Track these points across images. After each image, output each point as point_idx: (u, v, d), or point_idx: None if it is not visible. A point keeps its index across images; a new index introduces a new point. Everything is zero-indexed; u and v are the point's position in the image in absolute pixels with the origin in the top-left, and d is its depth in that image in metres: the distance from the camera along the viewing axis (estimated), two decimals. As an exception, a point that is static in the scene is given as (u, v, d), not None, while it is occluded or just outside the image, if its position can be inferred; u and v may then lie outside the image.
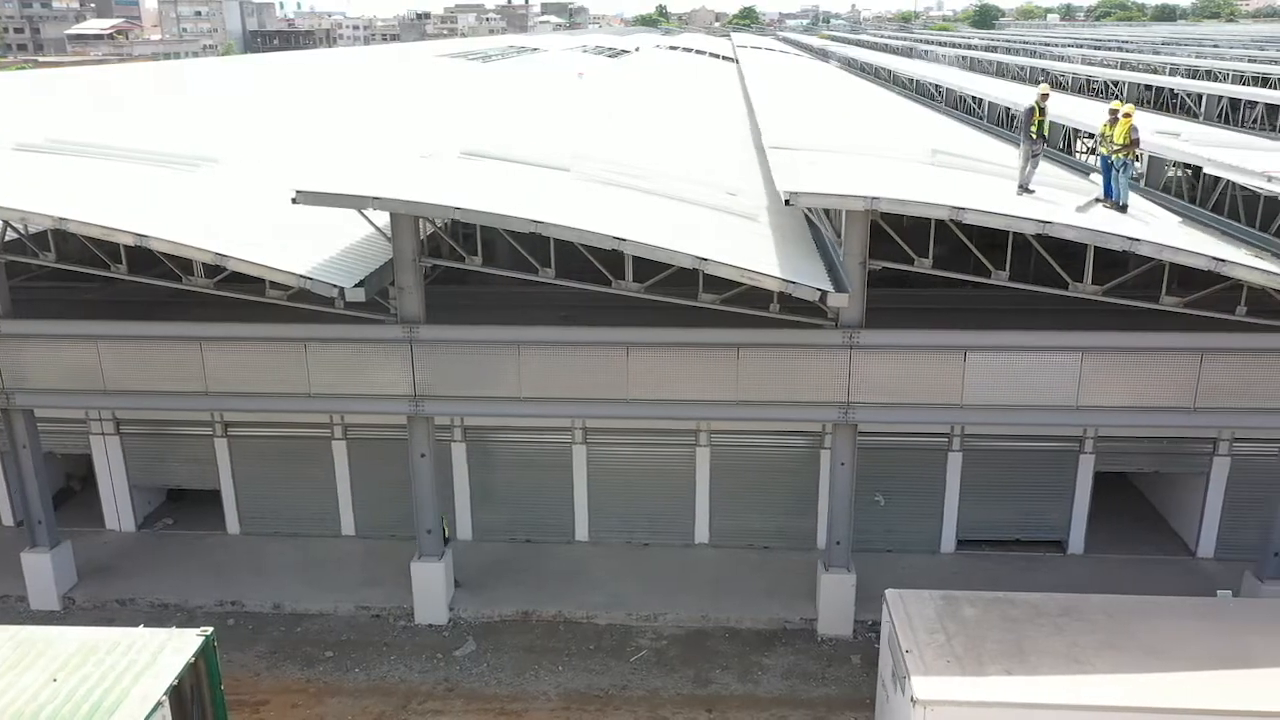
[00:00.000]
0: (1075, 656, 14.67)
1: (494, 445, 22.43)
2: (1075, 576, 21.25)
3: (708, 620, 20.32)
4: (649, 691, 18.42)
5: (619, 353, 18.38)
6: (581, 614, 20.44)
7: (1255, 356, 17.55)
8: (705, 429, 21.91)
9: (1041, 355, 17.82)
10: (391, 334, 18.40)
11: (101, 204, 17.84)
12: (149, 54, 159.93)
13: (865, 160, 20.48)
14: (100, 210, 17.26)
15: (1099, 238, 15.88)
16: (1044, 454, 21.65)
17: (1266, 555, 19.26)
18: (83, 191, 18.70)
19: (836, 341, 17.94)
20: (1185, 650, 14.75)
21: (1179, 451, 21.56)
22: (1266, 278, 15.79)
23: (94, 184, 19.61)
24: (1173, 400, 17.88)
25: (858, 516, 21.93)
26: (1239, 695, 13.72)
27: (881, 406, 18.41)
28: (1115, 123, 18.40)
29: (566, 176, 20.57)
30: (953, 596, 16.34)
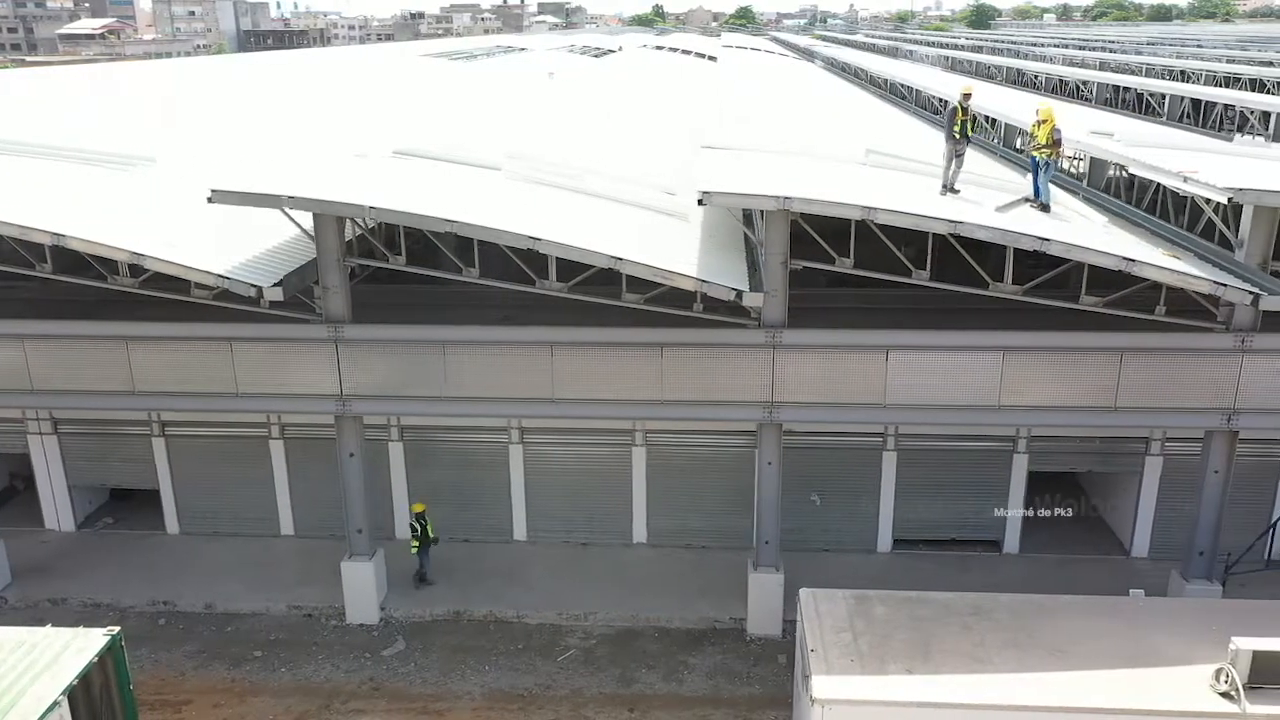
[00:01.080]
0: (978, 655, 14.68)
1: (431, 445, 22.44)
2: (1008, 576, 21.26)
3: (638, 620, 20.34)
4: (573, 691, 18.44)
5: (544, 352, 18.40)
6: (512, 613, 20.46)
7: (1175, 356, 17.57)
8: (641, 428, 21.93)
9: (963, 355, 17.84)
10: (317, 333, 18.42)
11: (23, 203, 17.85)
12: (140, 54, 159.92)
13: (797, 160, 20.50)
14: (19, 209, 17.27)
15: (1010, 237, 15.90)
16: (977, 454, 21.67)
17: (1191, 555, 19.28)
18: (5, 190, 18.70)
19: (759, 341, 17.96)
20: (1087, 649, 14.75)
21: (1111, 451, 21.60)
22: (1176, 277, 15.82)
23: (21, 183, 19.62)
24: (1094, 400, 17.92)
25: (795, 516, 22.12)
26: (1134, 693, 13.72)
27: (805, 406, 18.44)
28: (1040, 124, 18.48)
29: (498, 176, 20.62)
30: (865, 596, 16.35)
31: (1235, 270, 17.10)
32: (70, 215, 17.63)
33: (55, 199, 18.89)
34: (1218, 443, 18.42)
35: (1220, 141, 23.73)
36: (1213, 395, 17.70)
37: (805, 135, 25.04)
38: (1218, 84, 51.34)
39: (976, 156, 28.82)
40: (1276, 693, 13.59)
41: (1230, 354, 17.40)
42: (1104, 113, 39.71)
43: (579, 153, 24.77)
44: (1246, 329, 17.25)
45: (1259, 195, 15.85)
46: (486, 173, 20.64)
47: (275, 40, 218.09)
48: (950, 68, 76.71)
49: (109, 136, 24.95)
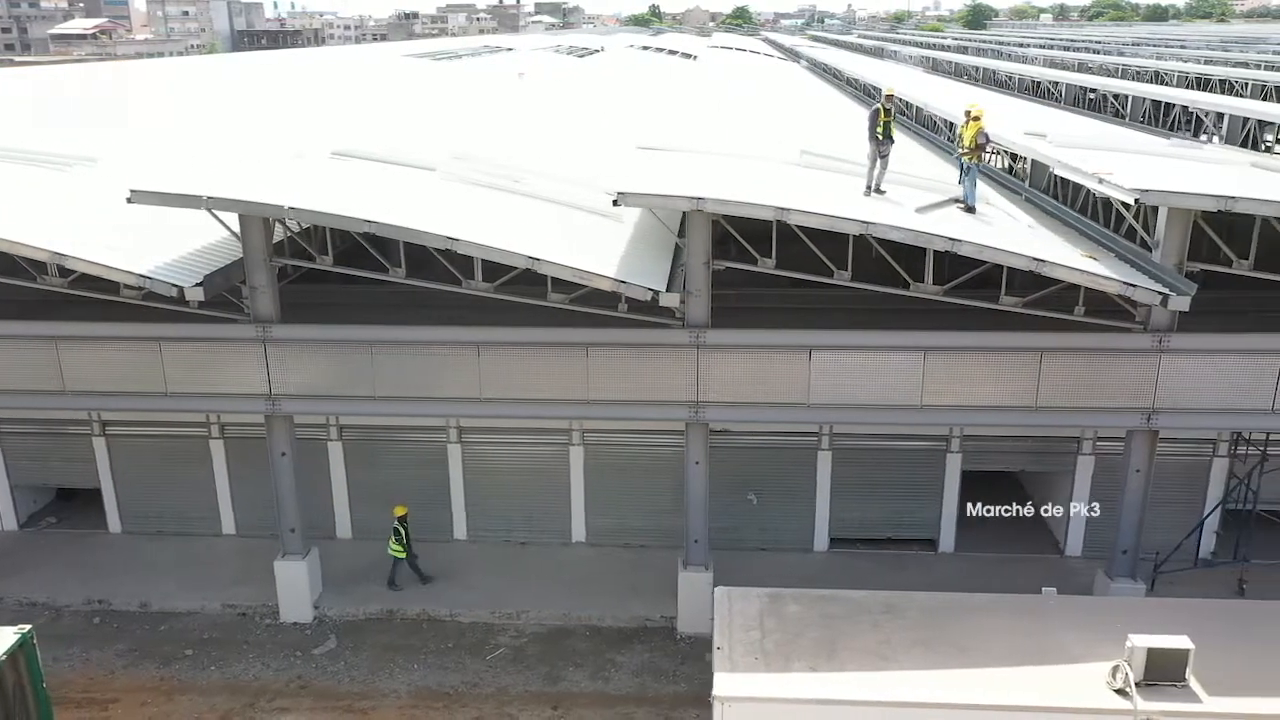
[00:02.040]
0: (884, 653, 14.78)
1: (370, 444, 22.55)
2: (942, 575, 21.40)
3: (570, 618, 20.46)
4: (498, 689, 18.55)
5: (470, 352, 18.51)
6: (445, 612, 20.57)
7: (1094, 356, 17.69)
8: (578, 428, 22.04)
9: (884, 355, 17.97)
10: (245, 333, 18.51)
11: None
12: (132, 54, 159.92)
13: (731, 161, 20.60)
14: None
15: (921, 238, 16.01)
16: (911, 453, 21.80)
17: (1115, 553, 19.41)
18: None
19: (683, 341, 18.07)
20: (993, 646, 14.85)
21: (1044, 450, 21.73)
22: (1085, 278, 15.93)
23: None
24: (1015, 400, 18.03)
25: (732, 515, 22.31)
26: (1031, 690, 13.82)
27: (731, 405, 18.56)
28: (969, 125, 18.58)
29: (433, 177, 20.71)
30: (779, 594, 16.45)
31: (1150, 271, 17.21)
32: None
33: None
34: (1138, 442, 18.54)
35: (1160, 142, 23.80)
36: (1132, 395, 17.82)
37: (750, 136, 25.13)
38: (1189, 85, 51.56)
39: (930, 158, 29.04)
40: (1171, 689, 13.73)
41: (1148, 354, 17.53)
42: (1067, 113, 39.88)
43: (527, 154, 24.87)
44: (1164, 329, 17.38)
45: (1164, 196, 15.96)
46: (422, 173, 20.72)
47: (269, 40, 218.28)
48: (931, 68, 76.90)
49: (54, 136, 25.03)
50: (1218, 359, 17.51)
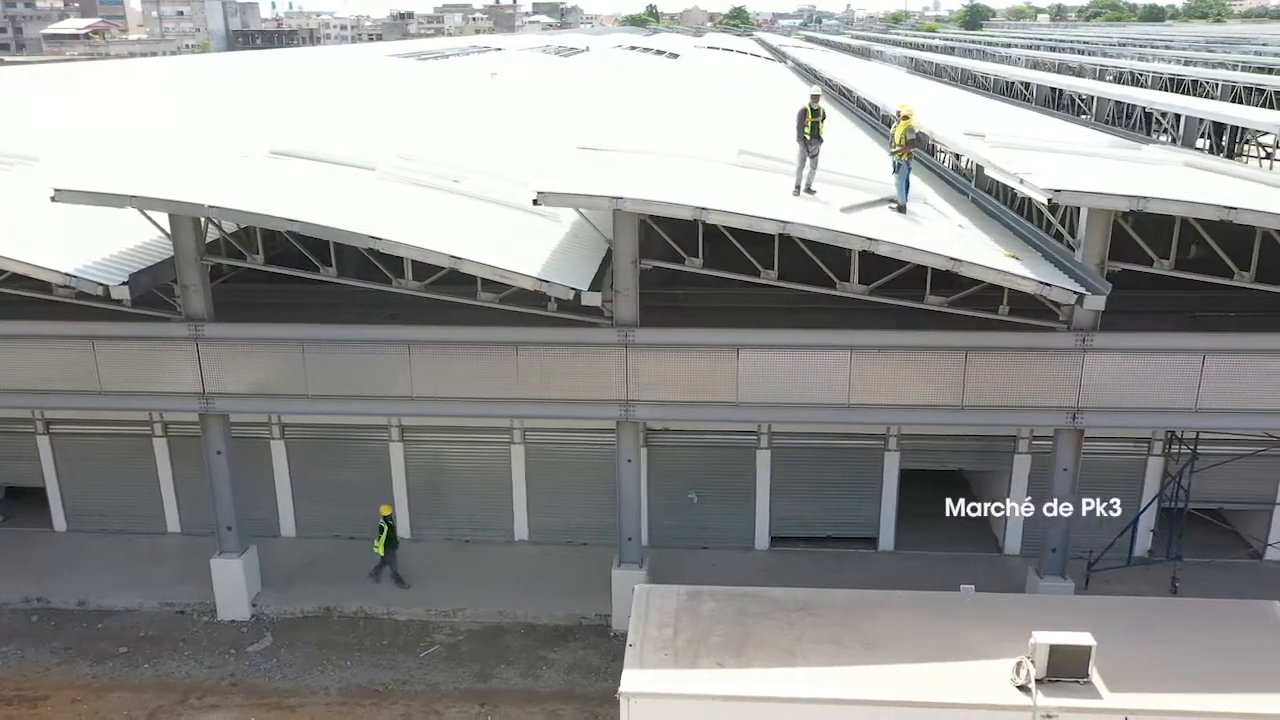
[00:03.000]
0: (794, 650, 14.88)
1: (313, 442, 22.62)
2: (880, 573, 21.46)
3: (506, 616, 20.55)
4: (428, 686, 18.63)
5: (400, 351, 18.60)
6: (382, 610, 20.66)
7: (1019, 355, 17.78)
8: (519, 426, 22.13)
9: (811, 354, 18.05)
10: (177, 332, 18.61)
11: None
12: (125, 53, 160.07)
13: (666, 161, 20.69)
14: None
15: (840, 238, 16.10)
16: (850, 452, 21.89)
17: (1045, 552, 19.51)
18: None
19: (612, 340, 18.16)
20: (903, 644, 14.96)
21: (981, 449, 21.82)
22: (1001, 277, 16.01)
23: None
24: (942, 399, 18.12)
25: (673, 513, 22.47)
26: (933, 687, 13.94)
27: (660, 404, 18.66)
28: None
29: (370, 176, 20.80)
30: (698, 592, 16.56)
31: (1072, 270, 17.32)
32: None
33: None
34: (1064, 441, 18.64)
35: (1101, 142, 23.86)
36: (1057, 394, 17.91)
37: (698, 136, 25.20)
38: (1162, 86, 51.65)
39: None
40: (1073, 685, 13.85)
41: (1071, 353, 17.62)
42: (1034, 113, 39.93)
43: (477, 153, 24.96)
44: (1087, 329, 17.48)
45: (1076, 195, 16.05)
46: (361, 173, 20.82)
47: (264, 40, 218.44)
48: (914, 69, 76.99)
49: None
50: (1141, 358, 17.60)
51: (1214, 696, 13.69)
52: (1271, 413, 17.88)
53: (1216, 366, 17.48)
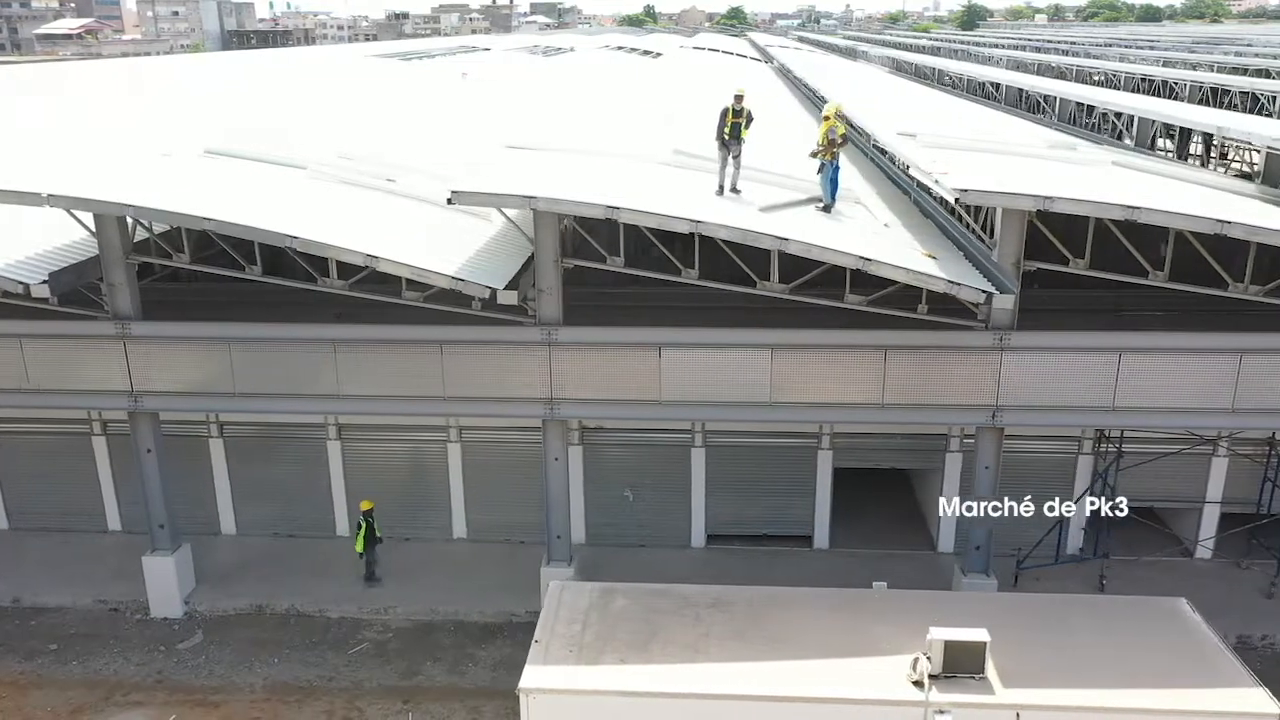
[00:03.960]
0: (698, 646, 14.96)
1: (252, 441, 22.71)
2: (813, 571, 21.53)
3: (437, 613, 20.64)
4: (353, 683, 18.72)
5: (326, 349, 18.70)
6: (314, 607, 20.76)
7: (938, 354, 17.88)
8: (455, 425, 22.23)
9: (733, 352, 18.15)
10: (104, 330, 18.71)
11: None
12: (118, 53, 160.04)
13: (594, 160, 20.77)
14: None
15: (750, 236, 16.18)
16: (783, 450, 21.98)
17: (968, 549, 19.61)
18: None
19: (535, 339, 18.26)
20: (808, 640, 15.04)
21: (913, 448, 21.91)
22: (909, 275, 16.07)
23: None
24: (863, 397, 18.22)
25: (609, 512, 22.61)
26: (829, 682, 14.02)
27: (585, 402, 18.76)
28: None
29: (302, 175, 20.90)
30: (611, 589, 16.66)
31: (987, 270, 17.42)
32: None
33: None
34: (985, 439, 18.73)
35: (1039, 143, 23.83)
36: (976, 392, 18.01)
37: (638, 135, 25.25)
38: (1134, 88, 51.75)
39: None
40: (968, 681, 13.94)
41: (989, 351, 17.72)
42: (1000, 113, 40.09)
43: (418, 152, 24.99)
44: (1004, 327, 17.58)
45: (983, 195, 16.13)
46: (292, 171, 20.91)
47: (259, 40, 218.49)
48: (895, 69, 77.13)
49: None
50: (1058, 356, 17.71)
51: (1106, 692, 13.79)
52: (1191, 411, 17.97)
53: (1133, 365, 17.57)
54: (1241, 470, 21.12)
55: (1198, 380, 17.61)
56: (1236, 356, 17.39)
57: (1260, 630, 19.37)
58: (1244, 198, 21.01)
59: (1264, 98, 39.19)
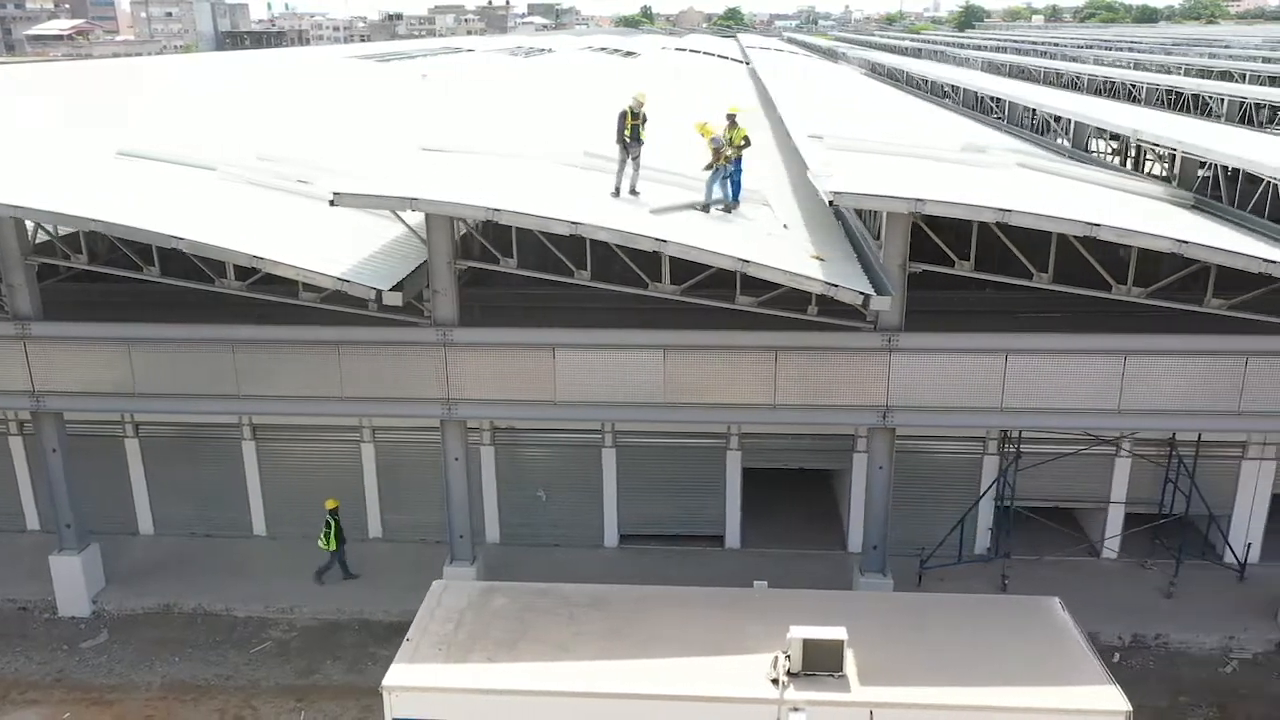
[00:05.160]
0: (567, 645, 15.07)
1: (168, 441, 22.82)
2: (723, 570, 21.59)
3: (343, 613, 20.76)
4: (250, 682, 18.84)
5: (225, 350, 18.81)
6: (221, 606, 20.87)
7: (828, 355, 17.99)
8: (368, 425, 22.34)
9: (626, 352, 18.25)
10: (2, 330, 18.83)
11: None
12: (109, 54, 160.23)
13: (504, 162, 20.92)
14: None
15: (629, 238, 16.29)
16: (692, 450, 22.09)
17: (865, 549, 19.72)
18: None
19: (431, 339, 18.38)
20: (679, 638, 15.15)
21: (820, 448, 22.01)
22: (787, 277, 16.17)
23: None
24: (754, 397, 18.33)
25: (522, 511, 22.70)
26: (688, 681, 14.12)
27: (481, 403, 18.88)
28: (733, 128, 18.89)
29: (211, 176, 21.03)
30: (493, 588, 16.82)
31: (874, 271, 17.54)
32: None
33: None
34: (878, 440, 18.85)
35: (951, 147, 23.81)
36: (867, 393, 18.12)
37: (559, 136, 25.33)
38: (1096, 90, 51.94)
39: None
40: (827, 679, 14.05)
41: (878, 353, 17.84)
42: (954, 115, 40.22)
43: (342, 154, 25.08)
44: (893, 329, 17.70)
45: (855, 198, 16.27)
46: (202, 173, 21.04)
47: (252, 41, 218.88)
48: (871, 71, 77.25)
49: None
50: (946, 357, 17.81)
51: (961, 690, 13.90)
52: (1078, 412, 18.07)
53: (1020, 366, 17.70)
54: (1144, 471, 21.22)
55: (1084, 381, 17.73)
56: (1121, 358, 17.50)
57: (1155, 630, 19.46)
58: (1147, 199, 21.21)
59: (1212, 101, 39.39)
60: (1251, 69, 52.33)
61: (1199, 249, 15.48)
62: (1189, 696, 18.03)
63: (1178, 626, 19.52)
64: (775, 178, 25.18)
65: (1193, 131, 24.35)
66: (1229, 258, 15.54)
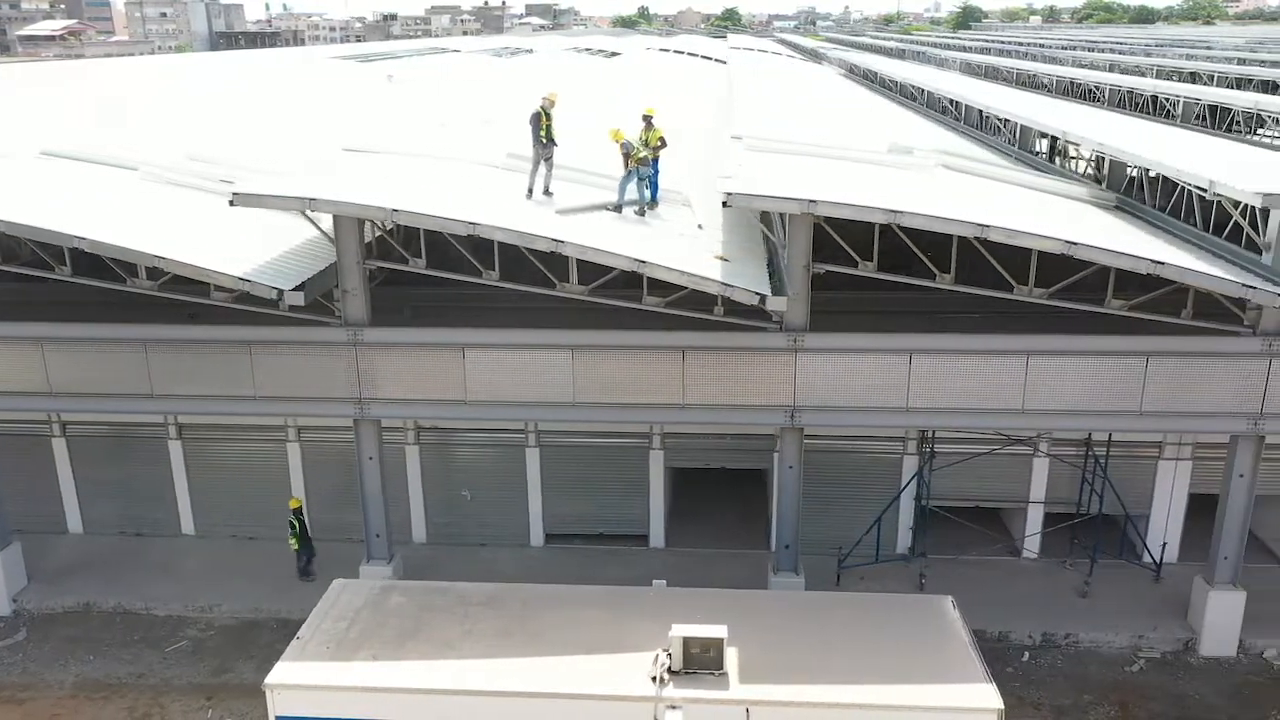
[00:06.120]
0: (454, 643, 15.12)
1: (96, 440, 22.90)
2: (646, 569, 21.56)
3: (261, 611, 20.83)
4: (162, 681, 18.91)
5: (138, 350, 18.89)
6: (141, 605, 20.95)
7: (737, 354, 18.06)
8: (293, 425, 22.42)
9: (535, 352, 18.33)
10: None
11: None
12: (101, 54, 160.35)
13: (425, 163, 21.00)
14: None
15: (525, 238, 16.37)
16: (615, 450, 22.17)
17: (778, 548, 19.79)
18: None
19: (341, 339, 18.46)
20: (568, 637, 15.20)
21: (742, 448, 22.07)
22: (682, 277, 16.20)
23: None
24: (663, 397, 18.40)
25: (449, 511, 22.75)
26: (569, 679, 14.19)
27: (393, 402, 18.95)
28: (649, 129, 18.98)
29: (133, 176, 21.13)
30: (391, 586, 16.89)
31: (780, 272, 17.64)
32: None
33: None
34: (788, 439, 18.92)
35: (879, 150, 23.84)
36: (774, 393, 18.19)
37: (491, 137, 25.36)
38: (1063, 91, 52.03)
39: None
40: (707, 677, 14.12)
41: (784, 353, 17.90)
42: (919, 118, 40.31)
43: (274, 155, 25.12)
44: (798, 329, 17.77)
45: (746, 199, 16.28)
46: (123, 173, 21.14)
47: (247, 41, 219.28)
48: (849, 73, 77.32)
49: None
50: (851, 357, 17.89)
51: (839, 688, 13.95)
52: (982, 411, 18.14)
53: (924, 366, 17.77)
54: (1063, 471, 21.29)
55: (988, 381, 17.80)
56: (1024, 358, 17.57)
57: (1066, 629, 19.53)
58: (1068, 201, 21.29)
59: (1169, 103, 39.47)
60: (1220, 70, 52.35)
61: (1087, 250, 15.53)
62: (1092, 695, 18.10)
63: (1089, 626, 19.58)
64: (707, 178, 25.21)
65: (1118, 133, 24.41)
66: (1116, 258, 15.61)
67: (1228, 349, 17.19)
